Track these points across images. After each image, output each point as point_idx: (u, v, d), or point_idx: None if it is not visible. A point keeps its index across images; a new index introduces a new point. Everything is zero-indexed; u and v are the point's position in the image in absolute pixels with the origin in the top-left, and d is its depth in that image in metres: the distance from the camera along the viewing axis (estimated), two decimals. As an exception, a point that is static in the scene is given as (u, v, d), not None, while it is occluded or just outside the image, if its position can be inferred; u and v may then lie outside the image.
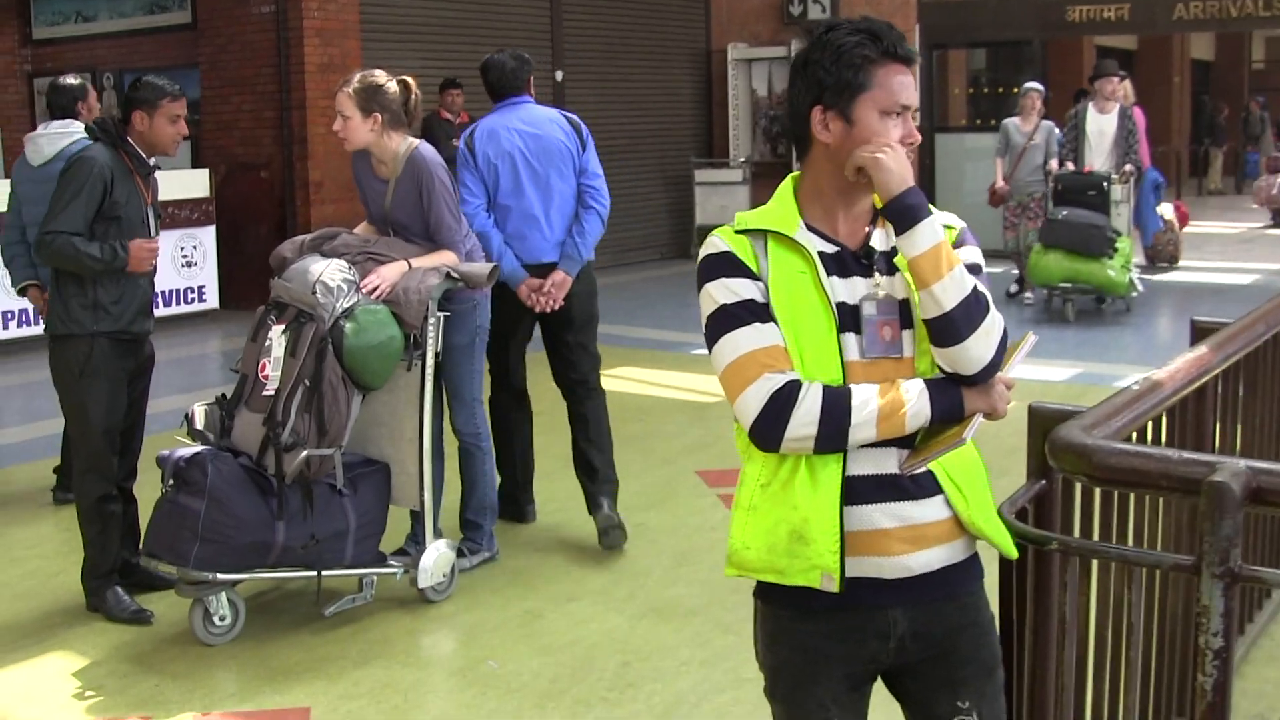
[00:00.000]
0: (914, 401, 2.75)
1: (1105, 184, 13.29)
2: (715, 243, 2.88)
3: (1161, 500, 3.95)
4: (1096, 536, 3.56)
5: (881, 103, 2.79)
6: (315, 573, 5.74)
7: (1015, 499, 3.23)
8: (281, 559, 5.67)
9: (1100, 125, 13.79)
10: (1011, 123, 14.36)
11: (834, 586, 2.77)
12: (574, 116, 7.04)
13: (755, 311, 2.79)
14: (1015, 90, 20.31)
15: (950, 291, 2.74)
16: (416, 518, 6.27)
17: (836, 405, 2.71)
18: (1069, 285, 13.24)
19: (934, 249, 2.75)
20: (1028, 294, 14.56)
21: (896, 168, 2.76)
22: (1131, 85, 15.02)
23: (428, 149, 6.25)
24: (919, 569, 2.83)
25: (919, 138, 2.88)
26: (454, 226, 6.22)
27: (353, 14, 14.99)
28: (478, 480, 6.67)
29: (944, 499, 2.84)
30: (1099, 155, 13.72)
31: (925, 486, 2.83)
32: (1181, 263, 17.36)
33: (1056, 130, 14.09)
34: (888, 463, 2.79)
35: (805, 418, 2.71)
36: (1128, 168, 13.61)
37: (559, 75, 17.87)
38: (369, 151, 6.24)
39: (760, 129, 20.36)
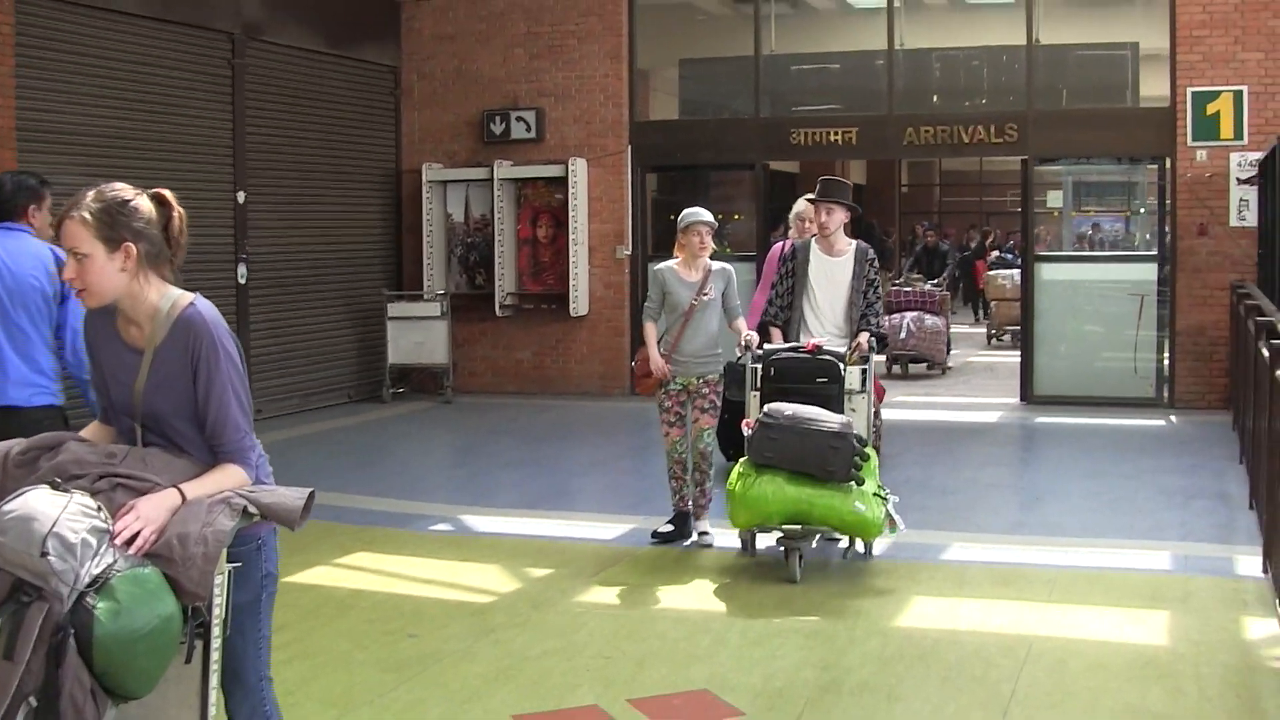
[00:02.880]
0: None
1: (840, 366, 9.17)
2: None
3: None
4: None
5: None
6: None
7: None
8: None
9: (830, 271, 9.80)
10: (668, 269, 9.69)
11: None
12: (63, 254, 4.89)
13: None
14: (737, 217, 19.34)
15: None
16: None
17: None
18: (796, 528, 8.56)
19: None
20: (703, 531, 9.67)
21: None
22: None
23: (206, 306, 4.25)
24: None
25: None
26: (242, 425, 4.22)
27: (7, 118, 12.58)
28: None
29: None
30: (828, 318, 9.80)
31: None
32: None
33: (733, 274, 9.84)
34: None
35: None
36: (864, 337, 9.59)
37: (240, 196, 15.72)
38: (113, 307, 4.20)
39: (457, 257, 18.52)
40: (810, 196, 10.23)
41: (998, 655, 7.11)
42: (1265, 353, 9.28)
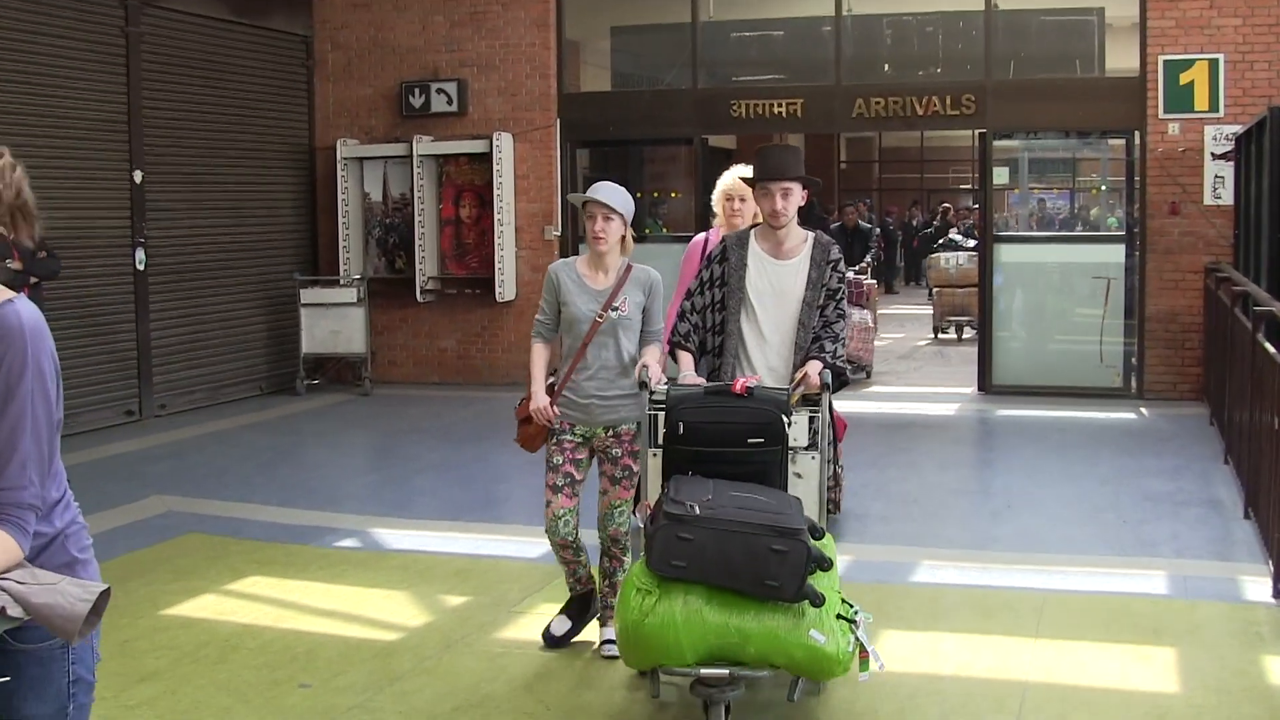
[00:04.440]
0: None
1: (784, 419, 6.00)
2: None
3: None
4: None
5: None
6: None
7: None
8: None
9: (777, 280, 6.61)
10: (564, 268, 6.97)
11: None
12: None
13: None
14: (675, 195, 18.28)
15: None
16: None
17: None
18: (722, 672, 5.53)
19: None
20: (608, 640, 6.93)
21: None
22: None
23: (29, 310, 3.20)
24: None
25: None
26: (29, 469, 3.14)
27: None
28: None
29: None
30: (774, 347, 6.59)
31: None
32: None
33: (658, 282, 7.01)
34: None
35: None
36: (813, 367, 6.29)
37: (138, 176, 14.60)
38: None
39: (375, 240, 17.38)
40: (743, 174, 7.62)
41: (988, 709, 6.14)
42: (1271, 349, 8.38)
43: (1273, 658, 6.67)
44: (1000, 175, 17.02)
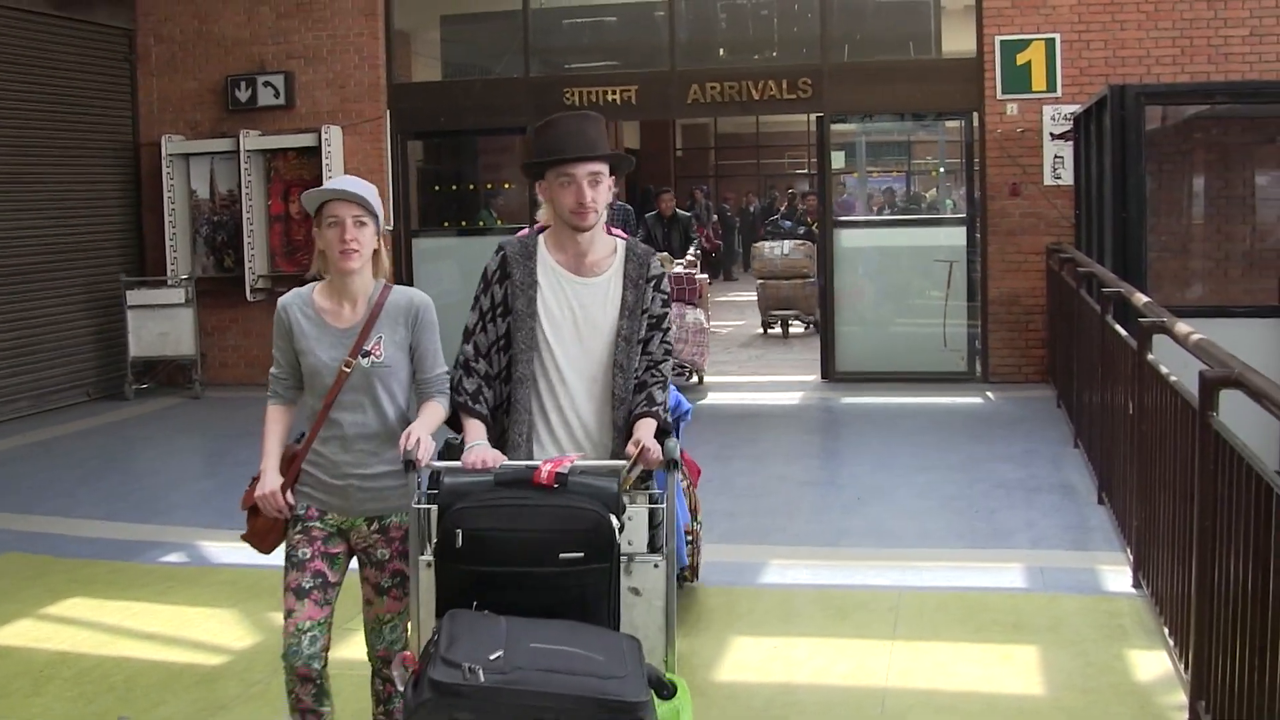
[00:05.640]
0: None
1: (614, 520, 4.23)
2: None
3: None
4: None
5: None
6: None
7: None
8: None
9: (579, 304, 4.84)
10: (296, 302, 5.09)
11: None
12: None
13: None
14: (508, 185, 17.88)
15: None
16: None
17: None
18: None
19: None
20: None
21: None
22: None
23: None
24: None
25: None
26: None
27: None
28: None
29: None
30: (580, 398, 4.83)
31: None
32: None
33: (428, 310, 5.12)
34: None
35: None
36: (645, 430, 4.64)
37: (-47, 175, 13.86)
38: None
39: (203, 238, 16.76)
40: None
41: (847, 718, 5.84)
42: (1122, 332, 8.22)
43: (1137, 652, 6.48)
44: (838, 160, 16.86)
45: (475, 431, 4.69)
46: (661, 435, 4.66)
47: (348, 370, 4.91)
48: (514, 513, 4.15)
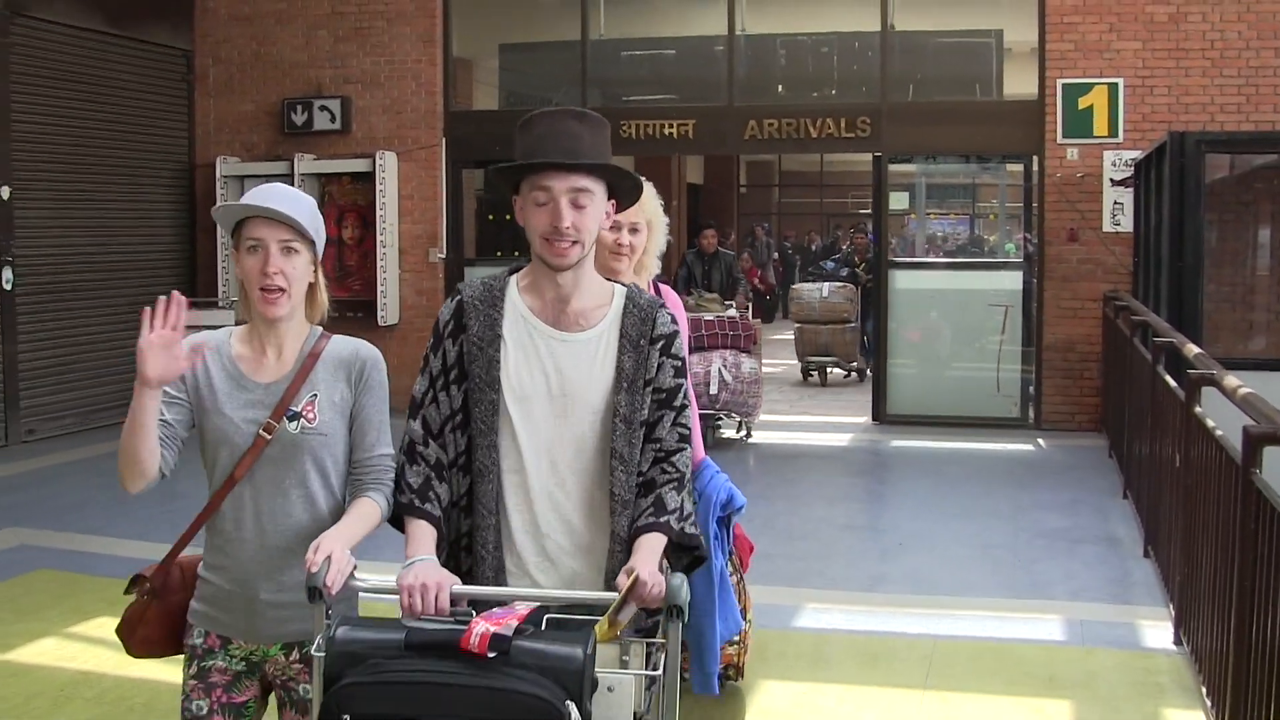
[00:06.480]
0: None
1: (573, 708, 2.97)
2: None
3: None
4: None
5: None
6: None
7: None
8: None
9: (557, 369, 3.63)
10: (216, 347, 3.97)
11: None
12: None
13: None
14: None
15: None
16: None
17: None
18: None
19: None
20: None
21: None
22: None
23: None
24: None
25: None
26: None
27: None
28: None
29: None
30: (562, 502, 3.63)
31: None
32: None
33: (377, 365, 4.12)
34: None
35: None
36: (647, 552, 3.41)
37: (4, 191, 13.98)
38: None
39: (254, 260, 16.77)
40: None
41: (871, 772, 5.66)
42: (1171, 382, 8.03)
43: (1173, 710, 6.29)
44: (898, 200, 16.70)
45: (418, 542, 3.48)
46: (678, 554, 3.58)
47: (268, 436, 3.72)
48: (425, 695, 2.96)
